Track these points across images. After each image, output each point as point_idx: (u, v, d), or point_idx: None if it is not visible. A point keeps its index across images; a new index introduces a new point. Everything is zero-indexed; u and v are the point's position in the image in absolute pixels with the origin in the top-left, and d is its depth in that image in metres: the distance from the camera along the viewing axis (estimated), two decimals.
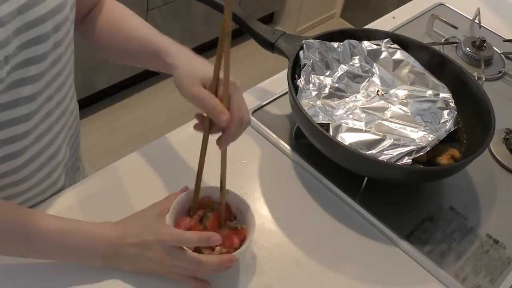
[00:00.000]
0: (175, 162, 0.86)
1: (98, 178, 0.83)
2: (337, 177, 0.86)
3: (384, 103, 0.90)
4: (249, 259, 0.75)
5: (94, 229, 0.67)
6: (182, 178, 0.83)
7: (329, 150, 0.82)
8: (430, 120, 0.87)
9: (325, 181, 0.86)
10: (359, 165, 0.81)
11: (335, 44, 0.94)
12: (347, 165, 0.82)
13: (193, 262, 0.65)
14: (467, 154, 0.85)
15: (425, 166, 0.83)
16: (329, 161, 0.83)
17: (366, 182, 0.85)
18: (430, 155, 0.83)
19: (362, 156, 0.78)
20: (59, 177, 0.79)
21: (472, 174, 0.92)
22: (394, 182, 0.87)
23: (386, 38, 0.97)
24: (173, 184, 0.82)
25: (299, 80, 0.88)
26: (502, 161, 0.96)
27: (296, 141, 0.92)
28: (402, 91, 0.92)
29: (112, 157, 1.88)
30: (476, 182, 0.92)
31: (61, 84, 0.71)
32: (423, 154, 0.80)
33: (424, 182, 0.89)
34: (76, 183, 0.88)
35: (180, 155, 0.88)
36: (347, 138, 0.81)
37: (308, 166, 0.88)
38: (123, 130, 2.22)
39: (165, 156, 0.87)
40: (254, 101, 0.99)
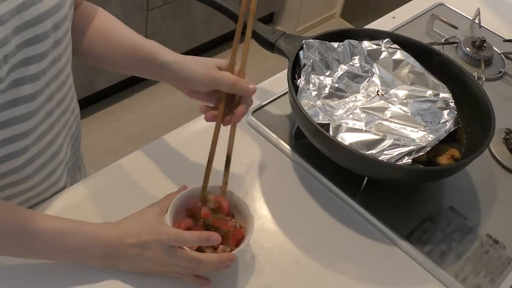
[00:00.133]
0: (175, 162, 0.87)
1: (98, 178, 0.83)
2: (337, 177, 0.86)
3: (384, 103, 0.90)
4: (249, 259, 0.75)
5: (94, 229, 0.67)
6: (182, 178, 0.83)
7: (329, 150, 0.82)
8: (430, 120, 0.87)
9: (325, 181, 0.86)
10: (359, 165, 0.81)
11: (335, 44, 0.94)
12: (347, 165, 0.82)
13: (193, 261, 0.65)
14: (467, 154, 0.85)
15: (425, 166, 0.83)
16: (329, 161, 0.83)
17: (366, 182, 0.85)
18: (430, 155, 0.83)
19: (362, 156, 0.78)
20: (60, 176, 0.79)
21: (472, 174, 0.92)
22: (394, 182, 0.87)
23: (386, 38, 0.97)
24: (173, 184, 0.82)
25: (299, 80, 0.88)
26: (502, 161, 0.96)
27: (296, 141, 0.92)
28: (402, 91, 0.92)
29: (112, 157, 1.88)
30: (476, 182, 0.92)
31: (61, 83, 0.71)
32: (423, 154, 0.80)
33: (424, 182, 0.89)
34: (77, 182, 0.88)
35: (180, 155, 0.88)
36: (347, 138, 0.81)
37: (308, 166, 0.88)
38: (123, 130, 2.22)
39: (165, 156, 0.87)
40: (254, 101, 0.98)
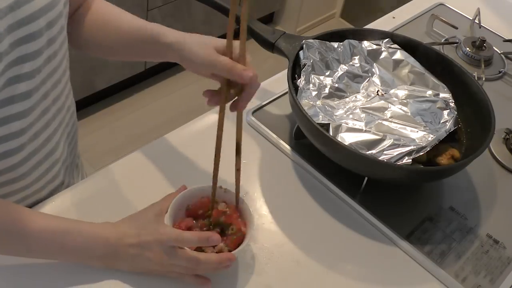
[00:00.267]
0: (175, 162, 0.86)
1: (98, 178, 0.83)
2: (337, 177, 0.86)
3: (384, 103, 0.90)
4: (249, 259, 0.75)
5: (93, 229, 0.67)
6: (182, 177, 0.83)
7: (329, 150, 0.82)
8: (430, 120, 0.87)
9: (325, 181, 0.86)
10: (359, 165, 0.81)
11: (335, 44, 0.94)
12: (347, 165, 0.82)
13: (192, 261, 0.65)
14: (467, 154, 0.85)
15: (425, 166, 0.83)
16: (329, 161, 0.83)
17: (366, 182, 0.85)
18: (430, 155, 0.83)
19: (362, 156, 0.78)
20: (57, 174, 0.79)
21: (472, 174, 0.92)
22: (394, 182, 0.87)
23: (386, 38, 0.97)
24: (173, 184, 0.82)
25: (299, 80, 0.88)
26: (502, 161, 0.96)
27: (296, 141, 0.92)
28: (402, 91, 0.92)
29: (112, 157, 1.88)
30: (476, 182, 0.92)
31: (56, 80, 0.71)
32: (423, 154, 0.80)
33: (424, 182, 0.89)
34: (75, 180, 0.88)
35: (180, 155, 0.88)
36: (347, 138, 0.81)
37: (308, 166, 0.88)
38: (123, 130, 2.22)
39: (165, 156, 0.87)
40: (254, 101, 0.98)
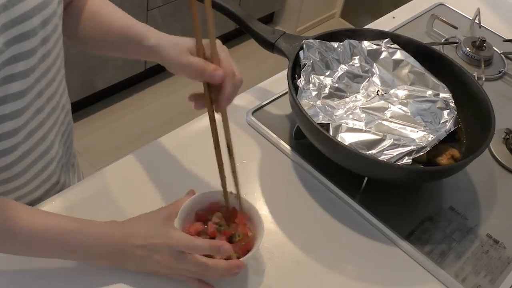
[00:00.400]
0: (175, 162, 0.86)
1: (98, 178, 0.83)
2: (337, 177, 0.86)
3: (384, 103, 0.90)
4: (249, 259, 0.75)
5: (100, 229, 0.67)
6: (182, 178, 0.83)
7: (329, 150, 0.82)
8: (430, 120, 0.87)
9: (325, 181, 0.86)
10: (359, 165, 0.81)
11: (335, 44, 0.94)
12: (347, 165, 0.82)
13: (201, 266, 0.65)
14: (467, 154, 0.85)
15: (425, 166, 0.83)
16: (329, 161, 0.82)
17: (366, 182, 0.85)
18: (430, 155, 0.83)
19: (362, 156, 0.78)
20: (52, 173, 0.79)
21: (472, 174, 0.92)
22: (394, 182, 0.87)
23: (386, 38, 0.97)
24: (173, 184, 0.82)
25: (299, 80, 0.88)
26: (502, 161, 0.96)
27: (296, 141, 0.92)
28: (402, 91, 0.92)
29: (112, 157, 1.88)
30: (476, 182, 0.92)
31: (51, 79, 0.71)
32: (423, 154, 0.80)
33: (424, 182, 0.89)
34: (71, 179, 0.88)
35: (180, 155, 0.88)
36: (347, 138, 0.81)
37: (308, 166, 0.88)
38: (123, 130, 2.22)
39: (165, 156, 0.87)
40: (254, 101, 0.99)
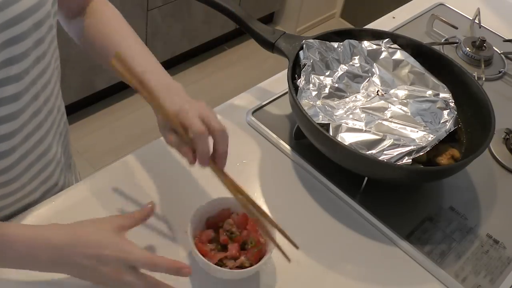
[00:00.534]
0: (175, 162, 0.86)
1: (98, 178, 0.83)
2: (337, 177, 0.86)
3: (384, 103, 0.90)
4: None
5: (35, 232, 0.62)
6: (182, 178, 0.83)
7: (329, 150, 0.82)
8: (430, 120, 0.87)
9: (325, 181, 0.86)
10: (359, 165, 0.81)
11: (335, 44, 0.94)
12: (347, 165, 0.82)
13: (151, 285, 0.63)
14: (467, 154, 0.85)
15: (425, 166, 0.83)
16: (329, 161, 0.82)
17: (366, 182, 0.85)
18: (430, 155, 0.83)
19: (362, 156, 0.78)
20: (50, 175, 0.79)
21: (472, 174, 0.92)
22: (394, 182, 0.87)
23: (386, 38, 0.97)
24: (173, 184, 0.83)
25: (299, 80, 0.88)
26: (502, 161, 0.96)
27: (296, 141, 0.92)
28: (402, 91, 0.92)
29: (112, 157, 1.88)
30: (476, 182, 0.92)
31: (47, 81, 0.70)
32: (423, 154, 0.80)
33: (424, 182, 0.89)
34: (68, 180, 0.88)
35: (180, 155, 0.87)
36: (347, 138, 0.81)
37: (308, 166, 0.88)
38: (123, 130, 2.22)
39: (165, 156, 0.87)
40: (254, 101, 0.99)
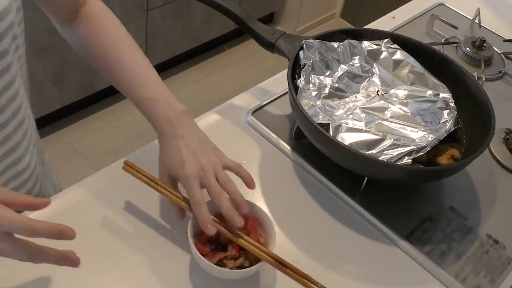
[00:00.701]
0: None
1: (98, 178, 0.83)
2: (337, 177, 0.86)
3: (384, 103, 0.90)
4: None
5: None
6: None
7: (329, 150, 0.82)
8: (430, 120, 0.87)
9: (325, 181, 0.86)
10: (359, 165, 0.81)
11: (335, 44, 0.94)
12: (347, 165, 0.82)
13: (29, 249, 0.54)
14: (467, 154, 0.85)
15: (425, 166, 0.83)
16: (329, 161, 0.83)
17: (366, 182, 0.85)
18: (430, 155, 0.83)
19: (362, 156, 0.78)
20: (22, 183, 0.77)
21: (472, 174, 0.92)
22: (394, 182, 0.87)
23: (386, 38, 0.97)
24: None
25: (299, 80, 0.88)
26: (502, 161, 0.96)
27: (296, 141, 0.92)
28: (402, 91, 0.92)
29: (112, 157, 1.88)
30: (476, 182, 0.92)
31: (15, 93, 0.67)
32: (423, 154, 0.80)
33: (424, 182, 0.89)
34: (45, 186, 0.87)
35: None
36: (347, 138, 0.81)
37: (308, 166, 0.88)
38: (123, 130, 2.22)
39: None
40: (254, 101, 0.99)
